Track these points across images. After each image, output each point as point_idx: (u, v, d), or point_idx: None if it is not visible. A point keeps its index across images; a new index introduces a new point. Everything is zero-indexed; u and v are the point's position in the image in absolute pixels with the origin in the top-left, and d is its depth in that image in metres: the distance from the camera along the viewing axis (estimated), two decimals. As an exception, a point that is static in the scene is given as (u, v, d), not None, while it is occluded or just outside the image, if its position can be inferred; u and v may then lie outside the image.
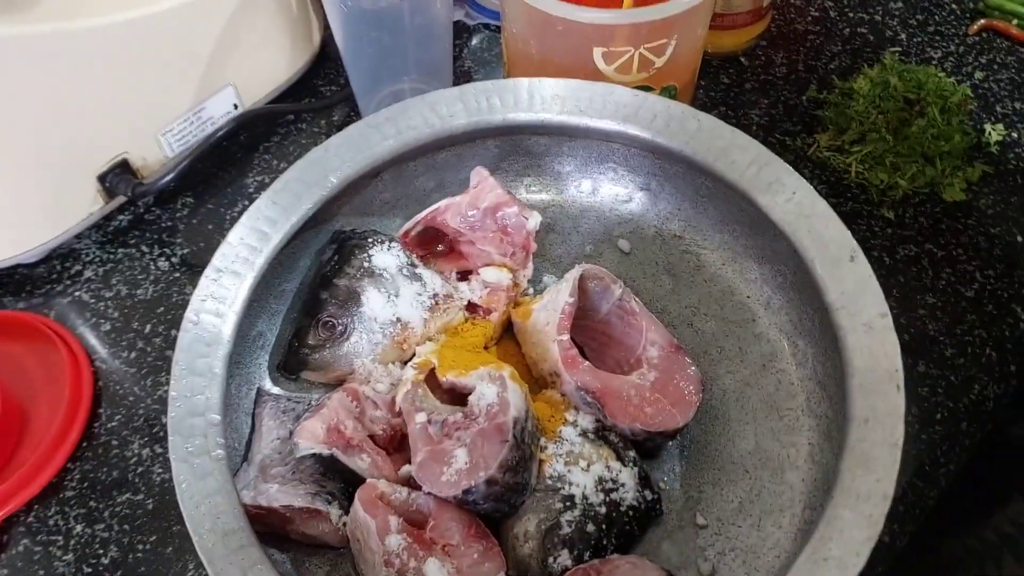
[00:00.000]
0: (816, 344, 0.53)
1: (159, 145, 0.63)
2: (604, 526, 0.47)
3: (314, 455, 0.47)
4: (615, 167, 0.60)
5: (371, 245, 0.55)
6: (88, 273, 0.63)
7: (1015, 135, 0.68)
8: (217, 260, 0.50)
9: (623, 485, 0.48)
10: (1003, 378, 0.56)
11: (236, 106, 0.66)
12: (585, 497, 0.47)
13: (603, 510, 0.47)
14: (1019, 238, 0.62)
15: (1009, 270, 0.61)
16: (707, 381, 0.53)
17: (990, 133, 0.68)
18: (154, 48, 0.59)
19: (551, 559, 0.46)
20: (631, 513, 0.48)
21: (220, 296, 0.49)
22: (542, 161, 0.61)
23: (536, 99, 0.56)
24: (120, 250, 0.64)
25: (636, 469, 0.49)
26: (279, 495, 0.47)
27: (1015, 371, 0.57)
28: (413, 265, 0.55)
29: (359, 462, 0.48)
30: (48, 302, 0.61)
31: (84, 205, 0.61)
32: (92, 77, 0.57)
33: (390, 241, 0.55)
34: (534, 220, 0.56)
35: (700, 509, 0.50)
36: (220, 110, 0.66)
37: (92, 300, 0.61)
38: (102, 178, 0.61)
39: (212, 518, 0.42)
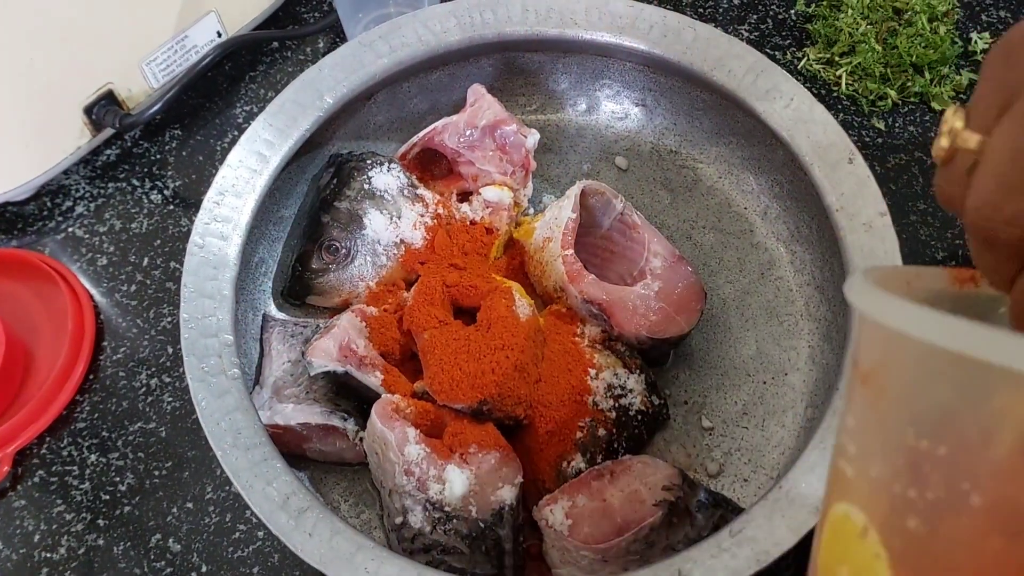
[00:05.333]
0: (814, 250, 0.54)
1: (143, 75, 0.62)
2: (615, 430, 0.48)
3: (327, 374, 0.48)
4: (610, 83, 0.60)
5: (370, 167, 0.54)
6: (80, 209, 0.62)
7: (1001, 43, 0.69)
8: (218, 183, 0.49)
9: (631, 391, 0.49)
10: (992, 279, 0.58)
11: (220, 34, 0.65)
12: (595, 404, 0.48)
13: (613, 415, 0.48)
14: (1006, 143, 0.64)
15: (996, 175, 0.62)
16: (707, 291, 0.54)
17: (976, 41, 0.69)
18: (134, -28, 0.57)
19: (565, 463, 0.47)
20: (640, 417, 0.49)
21: (224, 218, 0.48)
22: (537, 79, 0.60)
23: (531, 13, 0.55)
24: (111, 184, 0.63)
25: (643, 376, 0.50)
26: (295, 413, 0.48)
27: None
28: (414, 186, 0.55)
29: (372, 378, 0.48)
30: (41, 239, 0.61)
31: (71, 138, 0.60)
32: (71, 2, 0.55)
33: (389, 162, 0.55)
34: (533, 138, 0.56)
35: (705, 413, 0.52)
36: (203, 38, 0.64)
37: (86, 235, 0.61)
38: (88, 110, 0.59)
39: (233, 434, 0.43)
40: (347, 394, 0.50)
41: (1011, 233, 0.24)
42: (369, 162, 0.55)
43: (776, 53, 0.69)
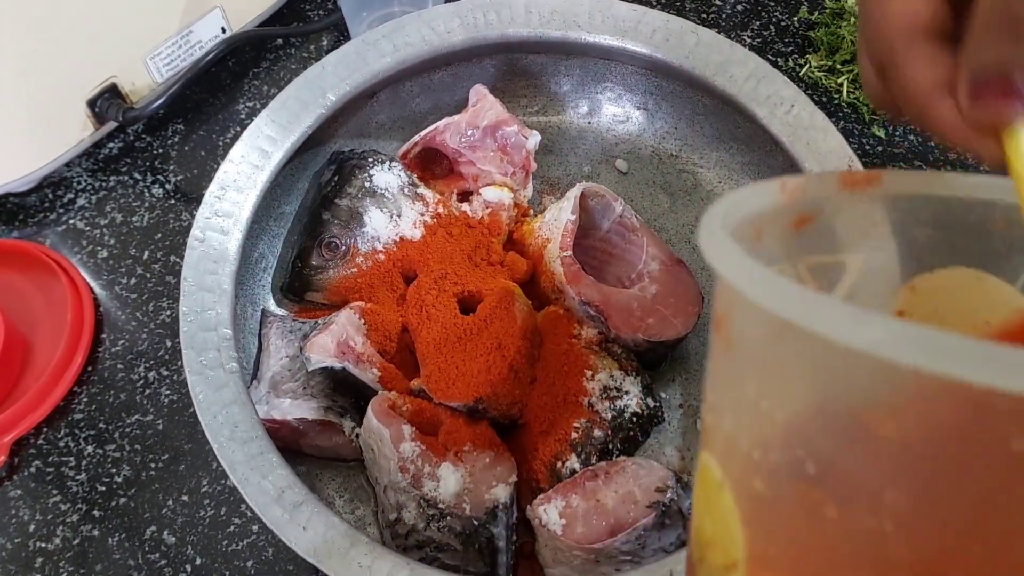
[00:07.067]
0: (811, 256, 0.54)
1: (148, 69, 0.62)
2: (609, 432, 0.48)
3: (324, 369, 0.48)
4: (612, 86, 0.60)
5: (371, 165, 0.55)
6: (81, 201, 0.62)
7: (1002, 54, 0.69)
8: (220, 178, 0.50)
9: (627, 393, 0.49)
10: (988, 288, 0.58)
11: (224, 29, 0.65)
12: (591, 405, 0.48)
13: (608, 416, 0.49)
14: (1005, 154, 0.64)
15: (995, 185, 0.62)
16: (705, 295, 0.54)
17: (977, 52, 0.69)
18: (140, -34, 0.58)
19: (559, 463, 0.47)
20: (635, 420, 0.49)
21: (225, 213, 0.49)
22: (539, 81, 0.61)
23: (534, 15, 0.56)
24: (112, 177, 0.63)
25: (639, 378, 0.50)
26: (292, 408, 0.48)
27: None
28: (415, 185, 0.55)
29: (370, 375, 0.48)
30: (42, 231, 0.61)
31: (75, 131, 0.60)
32: (77, -4, 0.56)
33: (390, 160, 0.55)
34: (534, 139, 0.56)
35: (700, 416, 0.52)
36: (208, 33, 0.64)
37: (87, 228, 0.61)
38: (92, 103, 0.60)
39: (230, 427, 0.43)
40: (344, 390, 0.50)
41: None
42: (370, 160, 0.55)
43: (778, 60, 0.69)
